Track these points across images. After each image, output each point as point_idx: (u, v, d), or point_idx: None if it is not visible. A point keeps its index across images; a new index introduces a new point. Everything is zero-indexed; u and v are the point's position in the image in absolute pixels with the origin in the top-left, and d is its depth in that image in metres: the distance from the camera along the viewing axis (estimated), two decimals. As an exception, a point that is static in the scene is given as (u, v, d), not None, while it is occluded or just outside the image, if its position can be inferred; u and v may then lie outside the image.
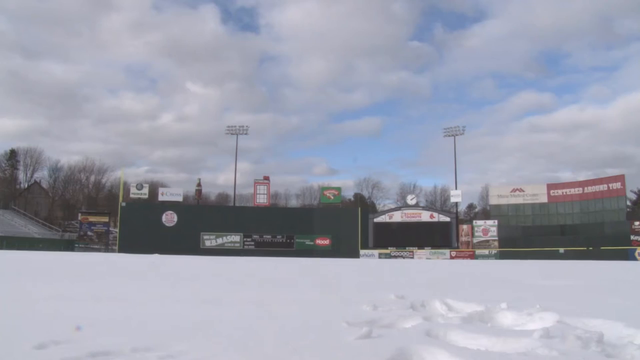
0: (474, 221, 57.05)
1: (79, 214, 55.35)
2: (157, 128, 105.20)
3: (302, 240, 53.13)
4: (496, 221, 52.59)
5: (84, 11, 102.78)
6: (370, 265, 22.19)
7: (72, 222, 59.79)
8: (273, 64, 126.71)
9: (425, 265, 13.58)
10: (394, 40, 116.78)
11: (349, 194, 72.78)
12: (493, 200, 56.47)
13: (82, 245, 51.45)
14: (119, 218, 51.65)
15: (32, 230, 53.71)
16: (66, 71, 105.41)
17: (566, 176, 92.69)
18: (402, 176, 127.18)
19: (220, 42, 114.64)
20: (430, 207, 62.11)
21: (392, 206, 63.52)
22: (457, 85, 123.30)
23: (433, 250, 51.04)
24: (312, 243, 53.02)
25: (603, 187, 49.95)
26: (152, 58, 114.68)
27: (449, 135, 57.42)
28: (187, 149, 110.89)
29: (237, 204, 62.00)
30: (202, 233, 51.81)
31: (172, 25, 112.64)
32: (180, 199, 54.40)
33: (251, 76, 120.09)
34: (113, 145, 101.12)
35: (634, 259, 42.77)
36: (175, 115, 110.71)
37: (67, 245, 51.21)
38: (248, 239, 52.60)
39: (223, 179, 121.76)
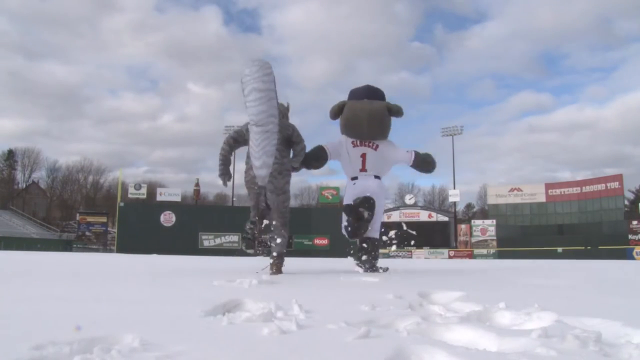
0: (472, 221, 57.15)
1: (77, 214, 55.32)
2: (158, 128, 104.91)
3: (300, 240, 53.15)
4: (494, 221, 52.68)
5: (87, 12, 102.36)
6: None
7: (70, 222, 59.78)
8: (274, 65, 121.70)
9: (423, 265, 13.59)
10: (396, 41, 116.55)
11: (347, 193, 72.81)
12: (491, 200, 56.59)
13: (80, 246, 51.41)
14: (117, 218, 51.59)
15: (30, 230, 53.64)
16: (67, 72, 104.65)
17: (565, 176, 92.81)
18: (401, 176, 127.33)
19: (222, 43, 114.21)
20: (428, 206, 62.24)
21: (390, 206, 63.64)
22: (456, 86, 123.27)
23: (431, 250, 51.10)
24: (310, 243, 53.07)
25: (601, 187, 50.11)
26: (153, 59, 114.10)
27: (447, 135, 57.50)
28: (187, 149, 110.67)
29: (235, 204, 62.03)
30: (200, 233, 51.80)
31: (174, 27, 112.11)
32: (178, 199, 54.45)
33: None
34: (113, 146, 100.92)
35: (632, 258, 42.89)
36: (176, 115, 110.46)
37: (65, 246, 51.16)
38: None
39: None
